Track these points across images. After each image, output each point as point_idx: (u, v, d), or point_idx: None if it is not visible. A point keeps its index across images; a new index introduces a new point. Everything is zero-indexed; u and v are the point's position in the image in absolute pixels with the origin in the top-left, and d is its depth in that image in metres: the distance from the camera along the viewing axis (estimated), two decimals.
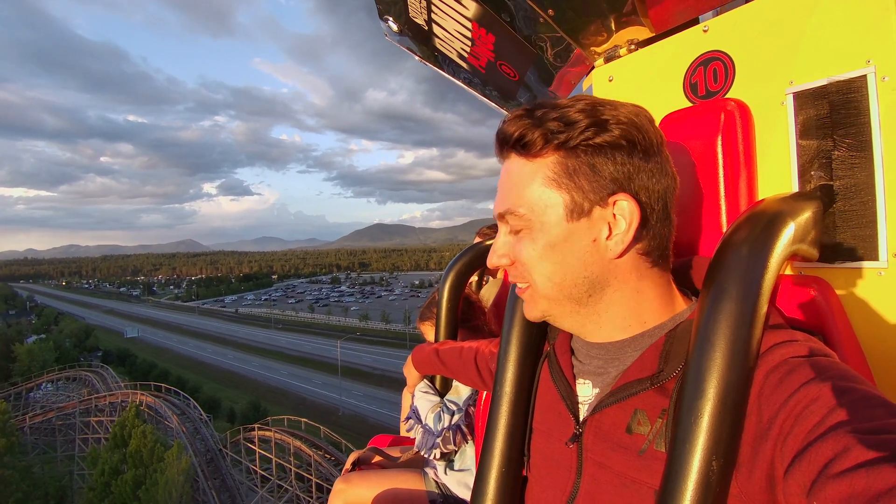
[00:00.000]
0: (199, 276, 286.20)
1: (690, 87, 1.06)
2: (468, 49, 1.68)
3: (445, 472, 1.72)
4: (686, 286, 0.81)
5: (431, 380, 1.77)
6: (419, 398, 1.74)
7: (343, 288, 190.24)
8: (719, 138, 0.92)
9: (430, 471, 1.80)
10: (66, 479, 29.98)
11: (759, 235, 0.69)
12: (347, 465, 2.04)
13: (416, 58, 2.02)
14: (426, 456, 1.69)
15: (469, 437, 1.65)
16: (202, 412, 31.56)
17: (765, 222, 0.70)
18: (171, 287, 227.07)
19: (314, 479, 22.75)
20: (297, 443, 24.23)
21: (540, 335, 0.95)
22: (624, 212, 0.68)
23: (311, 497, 22.84)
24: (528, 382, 0.93)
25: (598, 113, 0.67)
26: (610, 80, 1.28)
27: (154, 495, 21.35)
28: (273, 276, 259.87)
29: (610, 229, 0.69)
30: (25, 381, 42.31)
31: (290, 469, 24.22)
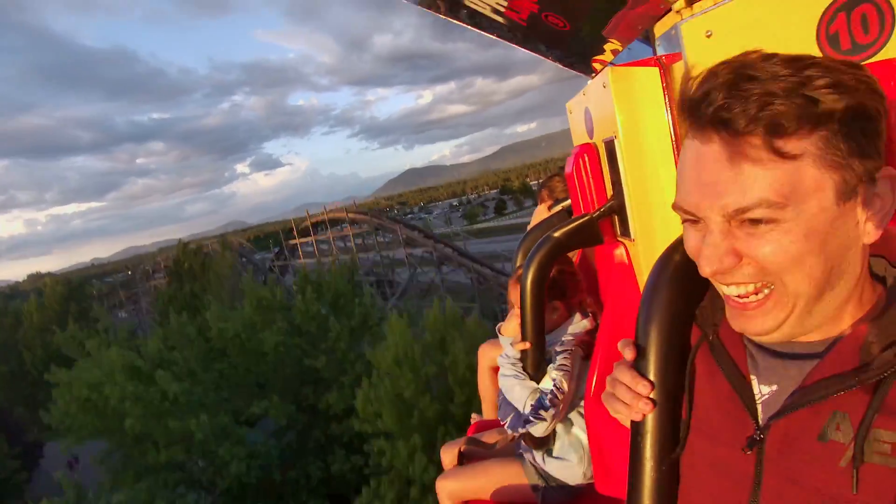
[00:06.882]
0: None
1: (828, 40, 0.86)
2: (504, 3, 1.48)
3: (544, 460, 1.75)
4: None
5: (522, 364, 1.74)
6: (505, 381, 1.75)
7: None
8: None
9: (527, 456, 1.82)
10: None
11: None
12: (446, 461, 2.11)
13: (441, 17, 1.68)
14: (516, 434, 1.74)
15: (560, 418, 1.68)
16: None
17: None
18: None
19: None
20: None
21: (688, 318, 0.78)
22: (888, 189, 0.58)
23: None
24: (678, 373, 0.77)
25: (851, 77, 0.55)
26: (708, 36, 1.02)
27: None
28: None
29: (870, 210, 0.58)
30: None
31: None
